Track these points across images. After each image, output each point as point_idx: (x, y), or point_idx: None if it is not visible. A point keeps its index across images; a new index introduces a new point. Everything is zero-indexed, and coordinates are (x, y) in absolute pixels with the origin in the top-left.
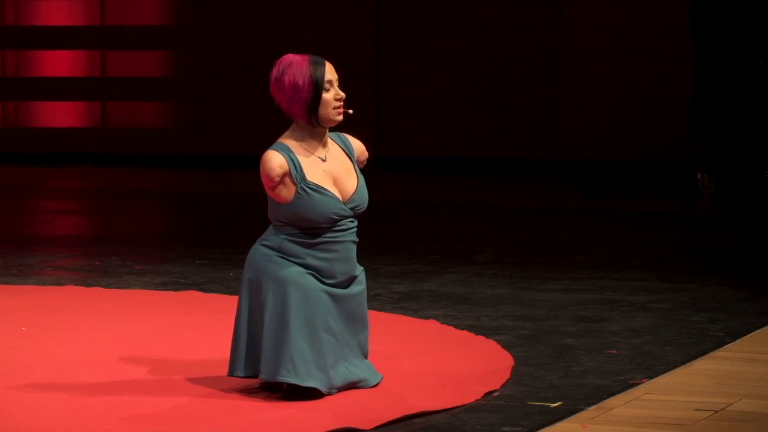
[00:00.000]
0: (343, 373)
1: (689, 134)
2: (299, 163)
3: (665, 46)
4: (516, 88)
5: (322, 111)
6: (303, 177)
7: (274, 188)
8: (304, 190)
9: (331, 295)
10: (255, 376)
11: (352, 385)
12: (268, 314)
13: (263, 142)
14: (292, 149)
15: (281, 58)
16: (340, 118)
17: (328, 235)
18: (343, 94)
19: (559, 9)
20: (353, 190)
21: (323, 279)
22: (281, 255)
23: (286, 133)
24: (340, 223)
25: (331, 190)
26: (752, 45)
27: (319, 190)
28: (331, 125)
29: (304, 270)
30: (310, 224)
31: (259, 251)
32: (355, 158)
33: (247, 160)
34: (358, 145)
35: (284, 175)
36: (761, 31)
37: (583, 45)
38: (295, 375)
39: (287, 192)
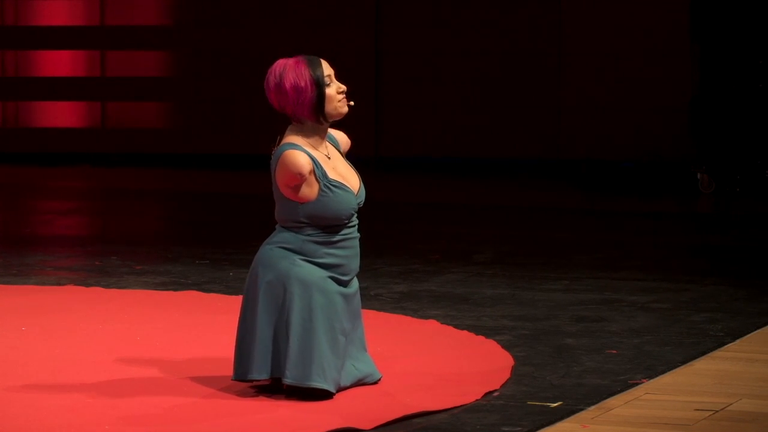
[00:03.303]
0: (350, 371)
1: (689, 134)
2: (317, 160)
3: (665, 46)
4: (516, 88)
5: (328, 107)
6: (324, 174)
7: (298, 187)
8: (328, 188)
9: (343, 296)
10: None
11: (359, 382)
12: (295, 318)
13: (263, 142)
14: (305, 147)
15: (273, 66)
16: (346, 109)
17: (344, 231)
18: (344, 87)
19: (559, 9)
20: (358, 185)
21: (340, 278)
22: (303, 257)
23: (291, 134)
24: (352, 218)
25: (348, 185)
26: (752, 45)
27: (340, 186)
28: (337, 118)
29: (325, 273)
30: (330, 222)
31: (277, 253)
32: (342, 150)
33: (247, 160)
34: (341, 137)
35: (311, 172)
36: (761, 31)
37: (583, 45)
38: (324, 381)
39: (310, 191)
